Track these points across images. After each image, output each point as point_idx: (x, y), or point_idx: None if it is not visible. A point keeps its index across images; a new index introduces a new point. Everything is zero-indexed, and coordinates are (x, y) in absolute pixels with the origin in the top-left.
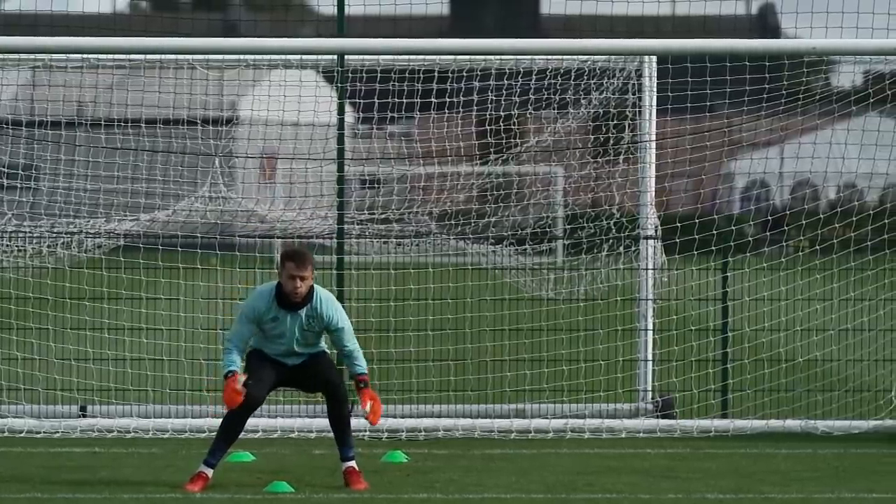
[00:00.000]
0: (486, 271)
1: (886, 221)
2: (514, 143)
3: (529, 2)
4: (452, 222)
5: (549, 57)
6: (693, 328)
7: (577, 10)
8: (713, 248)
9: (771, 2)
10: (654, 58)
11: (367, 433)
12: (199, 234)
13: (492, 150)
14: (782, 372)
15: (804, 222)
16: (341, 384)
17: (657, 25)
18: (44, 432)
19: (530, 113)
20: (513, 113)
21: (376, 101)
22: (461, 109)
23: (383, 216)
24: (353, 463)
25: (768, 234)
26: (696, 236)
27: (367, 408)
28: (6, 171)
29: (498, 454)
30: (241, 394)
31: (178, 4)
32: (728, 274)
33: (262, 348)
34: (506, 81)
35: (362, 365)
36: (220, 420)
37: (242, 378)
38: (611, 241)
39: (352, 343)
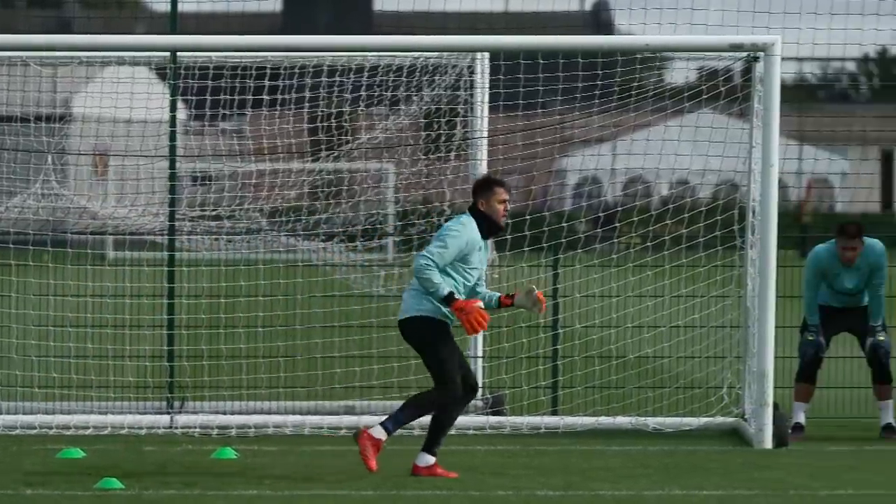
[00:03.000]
0: (316, 268)
1: (719, 218)
2: (345, 140)
3: None
4: (283, 219)
5: (381, 54)
6: (523, 325)
7: (410, 7)
8: (544, 244)
9: None
10: (487, 54)
11: (197, 430)
12: (31, 232)
13: (323, 147)
14: (613, 369)
15: (636, 219)
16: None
17: (490, 22)
18: None
19: (362, 110)
20: (344, 110)
21: (208, 97)
22: (293, 106)
23: (214, 213)
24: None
25: (600, 230)
26: (527, 233)
27: (535, 290)
28: None
29: (328, 451)
30: (487, 318)
31: (12, 2)
32: (559, 271)
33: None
34: (338, 78)
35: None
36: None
37: (479, 304)
38: None
39: None
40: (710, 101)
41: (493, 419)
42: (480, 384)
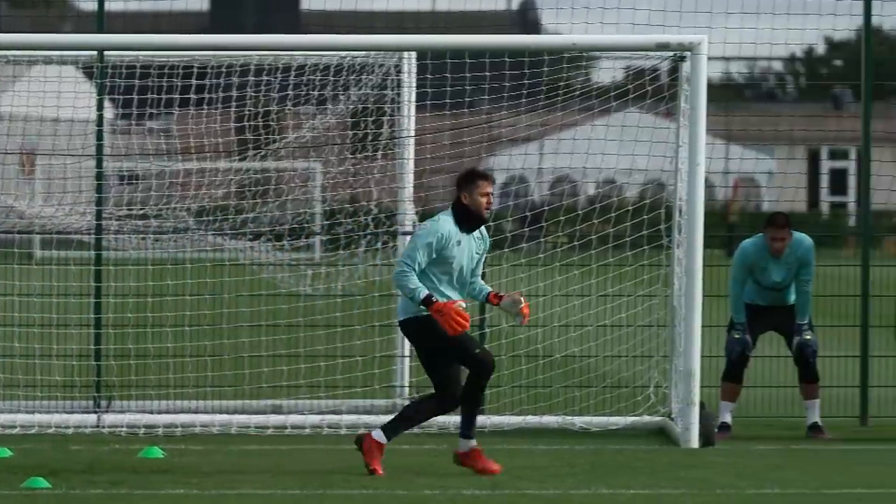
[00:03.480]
0: (243, 267)
1: (645, 218)
2: (272, 139)
3: None
4: (210, 218)
5: (309, 53)
6: None
7: (337, 6)
8: None
9: None
10: (414, 54)
11: (124, 429)
12: None
13: (250, 146)
14: (540, 368)
15: (563, 218)
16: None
17: (417, 21)
18: None
19: (289, 109)
20: (272, 109)
21: (136, 96)
22: (220, 105)
23: (142, 212)
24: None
25: (526, 230)
26: None
27: (522, 301)
28: None
29: (255, 450)
30: (466, 318)
31: None
32: (485, 270)
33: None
34: (265, 78)
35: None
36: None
37: (461, 304)
38: (369, 236)
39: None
40: (637, 101)
41: None
42: (406, 383)
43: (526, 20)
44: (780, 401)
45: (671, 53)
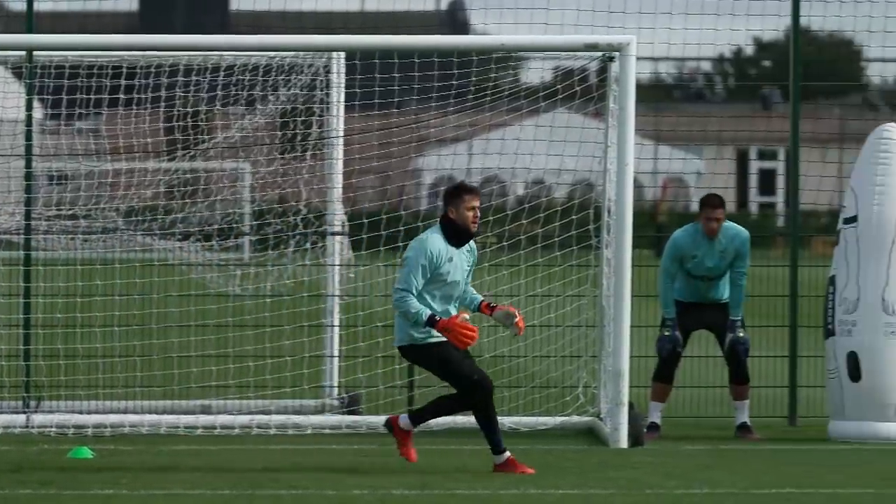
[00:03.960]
0: (172, 267)
1: (574, 218)
2: (201, 139)
3: None
4: (140, 218)
5: (238, 53)
6: (380, 324)
7: (266, 7)
8: (400, 243)
9: None
10: (343, 54)
11: (53, 429)
12: None
13: (179, 146)
14: None
15: (492, 218)
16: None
17: (346, 21)
18: None
19: (218, 109)
20: (201, 109)
21: (65, 97)
22: (149, 106)
23: (71, 212)
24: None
25: None
26: (383, 232)
27: (517, 315)
28: None
29: (184, 450)
30: (474, 330)
31: None
32: None
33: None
34: (194, 78)
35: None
36: None
37: (465, 316)
38: (298, 237)
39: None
40: (566, 101)
41: (350, 418)
42: (336, 383)
43: (454, 20)
44: (708, 401)
45: (600, 54)
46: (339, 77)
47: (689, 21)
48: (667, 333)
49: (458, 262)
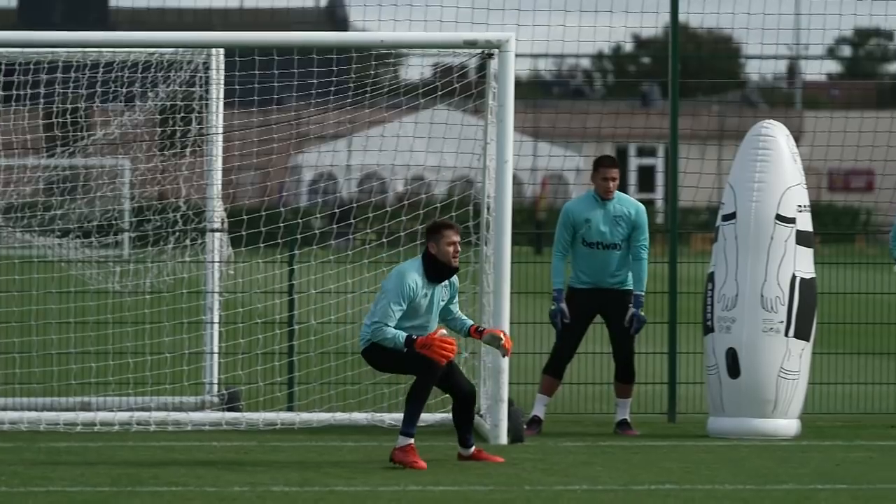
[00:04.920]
0: (52, 264)
1: (454, 214)
2: (81, 135)
3: None
4: (18, 215)
5: (117, 50)
6: (259, 321)
7: (146, 3)
8: (280, 240)
9: None
10: (222, 50)
11: None
12: None
13: (58, 142)
14: (349, 365)
15: (371, 215)
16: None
17: (225, 17)
18: None
19: (97, 106)
20: (80, 106)
21: None
22: (28, 102)
23: None
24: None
25: (335, 226)
26: (263, 229)
27: (503, 338)
28: None
29: (63, 447)
30: (452, 342)
31: None
32: (294, 267)
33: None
34: (73, 74)
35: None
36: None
37: (442, 332)
38: (177, 233)
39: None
40: (445, 98)
41: (230, 415)
42: (215, 380)
43: (334, 17)
44: (588, 397)
45: (479, 51)
46: (218, 73)
47: (568, 18)
48: (552, 307)
49: (434, 296)
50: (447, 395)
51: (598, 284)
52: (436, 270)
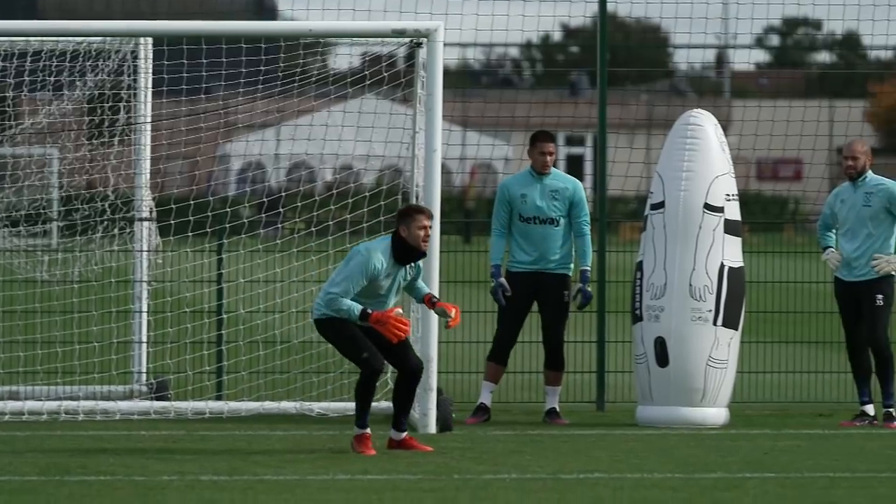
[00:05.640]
0: None
1: (382, 204)
2: (8, 125)
3: None
4: None
5: (45, 38)
6: (188, 310)
7: None
8: (208, 229)
9: None
10: (150, 39)
11: None
12: None
13: None
14: (278, 354)
15: (300, 204)
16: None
17: (153, 7)
18: None
19: (25, 95)
20: (7, 95)
21: None
22: None
23: None
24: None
25: (264, 216)
26: (192, 218)
27: (453, 313)
28: None
29: None
30: (407, 323)
31: None
32: (223, 256)
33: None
34: (0, 63)
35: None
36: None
37: (398, 311)
38: (105, 222)
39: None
40: (374, 87)
41: (158, 404)
42: (144, 369)
43: (262, 6)
44: (517, 386)
45: (407, 40)
46: (146, 63)
47: (497, 7)
48: (492, 284)
49: (397, 277)
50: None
51: (536, 265)
52: (404, 253)
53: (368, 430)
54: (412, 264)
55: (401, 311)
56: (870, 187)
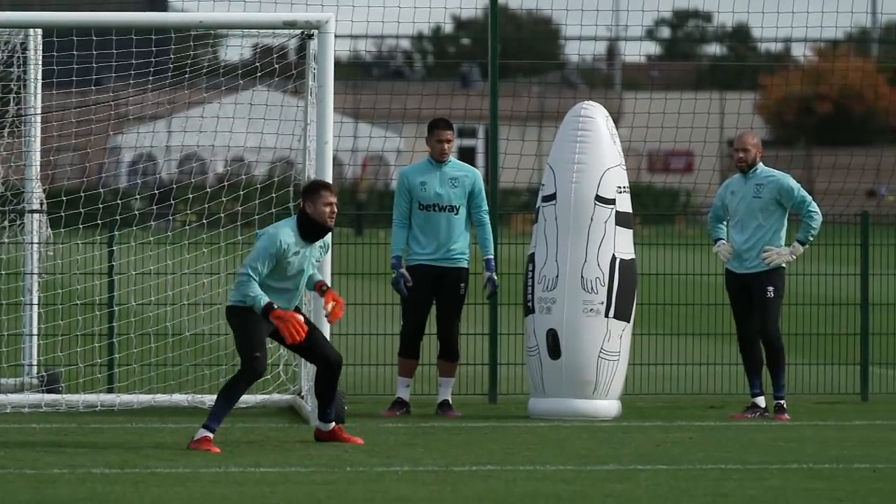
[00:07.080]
0: None
1: (274, 196)
2: None
3: None
4: None
5: None
6: (79, 302)
7: None
8: (99, 221)
9: None
10: (40, 31)
11: None
12: None
13: None
14: (169, 346)
15: (191, 196)
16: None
17: None
18: None
19: None
20: None
21: None
22: None
23: None
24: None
25: (155, 208)
26: (82, 210)
27: (330, 307)
28: None
29: None
30: (305, 329)
31: None
32: (114, 248)
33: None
34: None
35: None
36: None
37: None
38: None
39: None
40: (265, 79)
41: (49, 397)
42: (35, 362)
43: None
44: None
45: (298, 31)
46: (36, 54)
47: None
48: (394, 275)
49: (306, 255)
50: (268, 378)
51: (436, 255)
52: (310, 229)
53: (213, 435)
54: (322, 243)
55: (303, 317)
56: (760, 179)
